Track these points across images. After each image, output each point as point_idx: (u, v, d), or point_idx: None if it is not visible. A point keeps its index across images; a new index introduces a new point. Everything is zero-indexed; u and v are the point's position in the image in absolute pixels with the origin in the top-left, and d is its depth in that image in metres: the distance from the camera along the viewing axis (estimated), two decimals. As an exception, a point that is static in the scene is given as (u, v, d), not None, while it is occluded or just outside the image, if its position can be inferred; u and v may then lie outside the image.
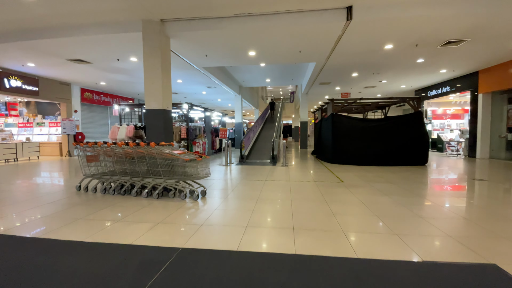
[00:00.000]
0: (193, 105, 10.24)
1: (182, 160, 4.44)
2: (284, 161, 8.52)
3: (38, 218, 3.50)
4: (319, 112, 12.52)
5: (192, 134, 10.12)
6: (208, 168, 4.66)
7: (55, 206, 4.07)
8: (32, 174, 7.21)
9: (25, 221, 3.39)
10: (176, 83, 12.67)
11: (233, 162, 9.43)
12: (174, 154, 4.39)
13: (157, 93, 6.22)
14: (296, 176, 6.66)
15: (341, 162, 8.89)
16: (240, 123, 16.30)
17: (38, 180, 6.31)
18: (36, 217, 3.57)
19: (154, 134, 6.30)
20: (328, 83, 12.91)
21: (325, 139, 10.14)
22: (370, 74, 11.18)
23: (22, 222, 3.35)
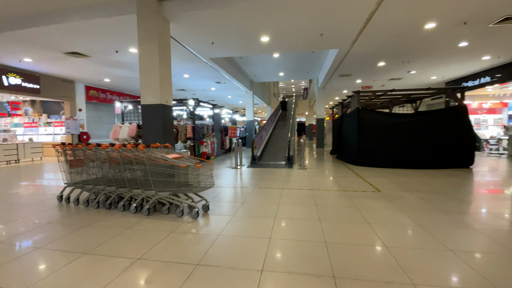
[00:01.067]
0: (200, 101, 9.32)
1: (177, 167, 3.48)
2: (302, 163, 7.43)
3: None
4: (339, 107, 11.30)
5: (199, 133, 9.21)
6: (212, 177, 3.67)
7: (18, 226, 3.21)
8: (22, 178, 6.52)
9: (-36, 253, 2.53)
10: (183, 78, 11.82)
11: (244, 164, 8.44)
12: (167, 159, 3.43)
13: (154, 85, 5.30)
14: (319, 182, 5.57)
15: (368, 164, 7.69)
16: (252, 120, 15.30)
17: (23, 187, 5.56)
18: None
19: (151, 134, 5.40)
20: (349, 75, 11.64)
21: (347, 137, 8.95)
22: (399, 63, 9.84)
23: (-41, 254, 2.49)
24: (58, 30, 6.23)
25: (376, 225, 3.07)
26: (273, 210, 3.68)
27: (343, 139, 9.70)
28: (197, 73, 10.90)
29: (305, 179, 5.89)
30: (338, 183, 5.49)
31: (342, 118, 10.25)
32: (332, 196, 4.44)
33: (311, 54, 10.36)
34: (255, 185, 5.39)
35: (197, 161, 3.73)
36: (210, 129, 10.04)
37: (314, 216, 3.42)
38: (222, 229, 3.05)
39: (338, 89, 16.03)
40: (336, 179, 5.92)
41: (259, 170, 7.34)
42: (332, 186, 5.21)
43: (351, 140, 8.37)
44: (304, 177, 6.12)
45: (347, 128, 9.03)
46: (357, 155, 7.90)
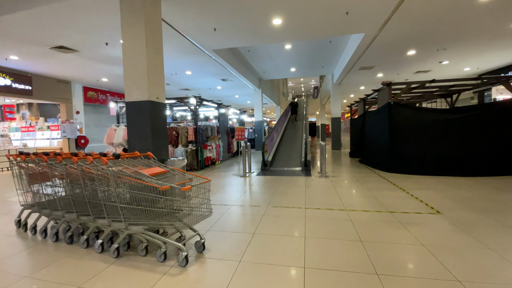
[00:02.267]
0: (203, 100, 8.25)
1: (154, 190, 2.37)
2: (323, 170, 6.21)
3: None
4: (360, 104, 10.00)
5: (202, 135, 8.13)
6: (208, 201, 2.54)
7: None
8: (6, 189, 5.60)
9: None
10: (185, 76, 10.80)
11: (254, 171, 7.29)
12: (140, 178, 2.31)
13: (141, 77, 4.24)
14: (352, 198, 4.35)
15: (403, 170, 6.39)
16: (261, 121, 14.15)
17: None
18: None
19: (138, 139, 4.33)
20: (370, 68, 10.32)
21: (374, 138, 7.67)
22: (432, 52, 8.48)
23: None
24: (33, 19, 5.29)
25: (471, 284, 1.86)
26: (298, 251, 2.51)
27: (367, 140, 8.41)
28: (200, 69, 9.86)
29: (331, 192, 4.68)
30: (377, 198, 4.26)
31: (365, 116, 8.96)
32: (377, 222, 3.23)
33: (327, 46, 9.13)
34: (268, 201, 4.23)
35: (189, 177, 2.61)
36: (215, 131, 8.96)
37: (364, 264, 2.22)
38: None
39: (355, 85, 14.67)
40: (371, 192, 4.68)
41: (272, 178, 6.17)
42: (371, 204, 3.99)
43: (380, 142, 7.09)
44: (329, 189, 4.91)
45: (373, 127, 7.74)
46: (388, 160, 6.61)
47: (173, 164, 4.36)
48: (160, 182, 2.29)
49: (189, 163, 7.63)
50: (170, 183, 2.31)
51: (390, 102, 6.55)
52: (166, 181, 2.43)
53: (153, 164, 2.83)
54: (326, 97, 19.96)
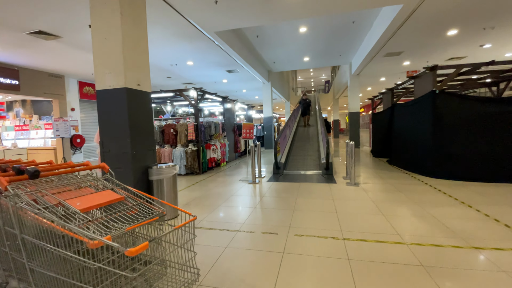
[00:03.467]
0: (205, 92, 7.14)
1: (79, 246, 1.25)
2: (351, 175, 5.00)
3: None
4: (386, 96, 8.67)
5: (204, 133, 7.04)
6: (192, 258, 1.41)
7: None
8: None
9: None
10: (186, 67, 9.71)
11: (264, 175, 6.15)
12: (58, 223, 1.19)
13: (114, 56, 3.15)
14: (405, 220, 3.15)
15: (451, 175, 5.11)
16: (270, 117, 12.96)
17: None
18: None
19: (112, 139, 3.26)
20: (398, 54, 8.95)
21: (408, 135, 6.38)
22: (477, 31, 7.06)
23: None
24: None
25: None
26: None
27: (398, 138, 7.11)
28: (203, 58, 8.73)
29: (371, 210, 3.49)
30: (441, 221, 3.04)
31: (394, 110, 7.66)
32: (465, 268, 2.03)
33: (348, 28, 7.84)
34: (288, 224, 3.07)
35: (157, 212, 1.48)
36: (220, 128, 7.85)
37: None
38: None
39: (375, 76, 13.26)
40: (426, 209, 3.46)
41: (287, 186, 5.01)
42: (437, 231, 2.78)
43: (418, 140, 5.80)
44: (366, 204, 3.72)
45: (408, 122, 6.45)
46: (431, 162, 5.34)
47: (160, 172, 3.26)
48: (96, 230, 1.17)
49: (189, 166, 6.56)
50: (112, 231, 1.19)
51: (434, 91, 5.26)
52: (111, 223, 1.31)
53: (107, 185, 1.72)
54: (340, 91, 18.55)
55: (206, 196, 4.51)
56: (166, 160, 6.63)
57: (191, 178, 6.23)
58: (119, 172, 3.25)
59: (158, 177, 3.31)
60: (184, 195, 4.65)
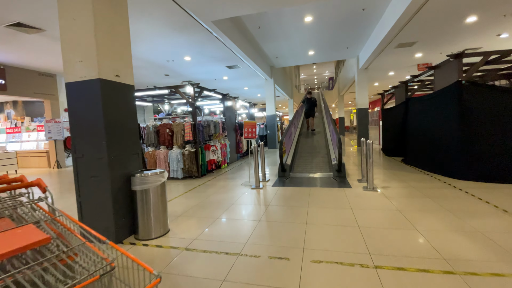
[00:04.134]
0: (203, 88, 6.56)
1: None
2: (368, 178, 4.40)
3: None
4: (399, 90, 8.03)
5: (203, 133, 6.46)
6: None
7: None
8: None
9: None
10: (184, 63, 9.14)
11: (269, 179, 5.56)
12: None
13: (86, 41, 2.59)
14: (445, 237, 2.55)
15: (484, 177, 4.47)
16: (273, 115, 12.36)
17: None
18: None
19: (84, 142, 2.70)
20: (410, 45, 8.29)
21: (428, 132, 5.75)
22: (497, 18, 6.41)
23: None
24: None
25: None
26: None
27: (414, 135, 6.48)
28: (201, 52, 8.15)
29: (399, 222, 2.88)
30: (491, 238, 2.43)
31: (408, 104, 7.03)
32: None
33: (357, 16, 7.20)
34: (301, 245, 2.49)
35: (97, 266, 0.89)
36: (220, 127, 7.27)
37: None
38: None
39: (384, 70, 12.58)
40: (467, 221, 2.85)
41: (296, 191, 4.42)
42: (491, 251, 2.18)
43: (441, 137, 5.17)
44: (392, 215, 3.11)
45: (425, 117, 5.82)
46: (458, 162, 4.71)
47: (145, 181, 2.70)
48: None
49: (187, 169, 5.99)
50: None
51: (460, 81, 4.62)
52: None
53: (34, 216, 1.13)
54: (346, 87, 17.88)
55: (204, 204, 3.94)
56: (161, 163, 6.08)
57: (189, 183, 5.66)
58: (94, 182, 2.68)
59: (143, 187, 2.74)
60: (180, 203, 4.09)
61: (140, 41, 6.90)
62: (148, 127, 6.27)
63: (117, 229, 2.72)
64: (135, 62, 8.57)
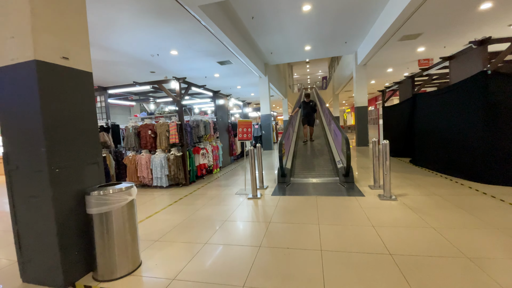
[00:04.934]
0: (191, 85, 5.83)
1: None
2: (386, 187, 3.77)
3: None
4: (404, 85, 7.47)
5: (191, 135, 5.73)
6: None
7: None
8: None
9: None
10: (171, 58, 8.36)
11: (267, 186, 4.87)
12: None
13: (18, 9, 1.83)
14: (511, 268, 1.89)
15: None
16: (268, 115, 11.70)
17: None
18: None
19: (19, 149, 1.95)
20: (415, 37, 7.76)
21: (444, 131, 5.17)
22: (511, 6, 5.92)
23: None
24: None
25: None
26: None
27: (423, 134, 5.91)
28: (189, 45, 7.41)
29: (441, 246, 2.23)
30: None
31: (415, 101, 6.47)
32: None
33: (357, 8, 6.61)
34: (328, 283, 1.80)
35: None
36: (211, 128, 6.54)
37: None
38: None
39: (382, 67, 12.08)
40: (526, 244, 2.22)
41: (300, 202, 3.74)
42: None
43: (459, 136, 4.59)
44: (427, 234, 2.46)
45: (439, 114, 5.24)
46: (484, 164, 4.13)
47: (104, 201, 1.97)
48: None
49: (172, 176, 5.25)
50: None
51: (485, 72, 4.04)
52: None
53: None
54: (342, 85, 17.40)
55: (190, 222, 3.22)
56: (143, 170, 5.31)
57: (175, 192, 4.92)
58: (34, 204, 1.94)
59: (102, 209, 2.00)
60: (160, 221, 3.35)
61: (118, 30, 6.11)
62: (127, 129, 5.49)
63: (66, 268, 1.98)
64: (114, 56, 7.75)
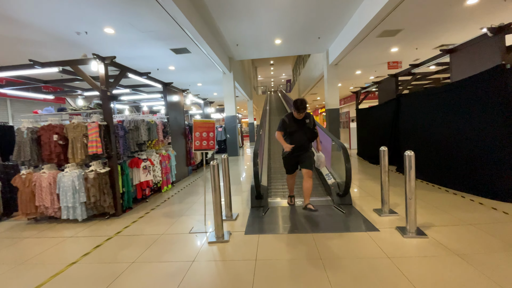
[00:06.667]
0: (125, 69, 4.13)
1: None
2: (412, 219, 2.65)
3: None
4: (386, 84, 6.75)
5: (126, 141, 4.02)
6: None
7: None
8: None
9: None
10: (107, 38, 6.39)
11: (237, 215, 3.44)
12: None
13: None
14: None
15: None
16: (233, 116, 10.28)
17: None
18: None
19: None
20: (395, 33, 7.14)
21: (443, 137, 4.37)
22: (498, 2, 5.53)
23: None
24: None
25: None
26: None
27: (414, 139, 5.11)
28: (130, 22, 5.60)
29: None
30: None
31: (400, 102, 5.74)
32: None
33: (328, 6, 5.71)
34: None
35: None
36: (159, 131, 4.87)
37: None
38: None
39: (352, 68, 11.60)
40: None
41: (291, 247, 2.41)
42: None
43: (471, 144, 3.77)
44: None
45: (437, 117, 4.44)
46: (505, 178, 3.32)
47: None
48: None
49: (93, 204, 3.49)
50: None
51: (503, 65, 3.25)
52: None
53: None
54: (309, 87, 16.85)
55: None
56: (43, 196, 3.44)
57: (95, 230, 3.20)
58: None
59: None
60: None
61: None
62: (20, 132, 3.55)
63: None
64: (21, 31, 5.55)
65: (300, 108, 3.09)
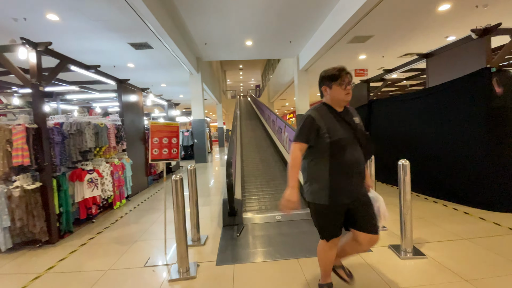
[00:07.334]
0: (65, 59, 3.36)
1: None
2: (408, 236, 2.39)
3: None
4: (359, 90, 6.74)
5: (63, 150, 3.22)
6: None
7: None
8: None
9: None
10: (51, 27, 5.38)
11: (206, 238, 2.89)
12: None
13: None
14: None
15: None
16: (202, 120, 9.61)
17: None
18: None
19: None
20: (366, 40, 7.27)
21: (421, 144, 4.33)
22: (469, 9, 5.78)
23: None
24: None
25: None
26: None
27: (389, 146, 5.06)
28: (79, 8, 4.74)
29: None
30: None
31: (372, 108, 5.76)
32: None
33: (309, 3, 5.54)
34: None
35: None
36: (110, 136, 4.10)
37: None
38: None
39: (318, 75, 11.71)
40: None
41: (275, 280, 1.96)
42: None
43: (454, 151, 3.73)
44: None
45: (413, 123, 4.42)
46: (487, 186, 3.29)
47: None
48: None
49: (20, 230, 2.66)
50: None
51: (489, 68, 3.25)
52: None
53: None
54: (278, 93, 16.85)
55: None
56: None
57: (21, 264, 2.42)
58: None
59: None
60: None
61: None
62: None
63: None
64: None
65: (344, 76, 1.53)
